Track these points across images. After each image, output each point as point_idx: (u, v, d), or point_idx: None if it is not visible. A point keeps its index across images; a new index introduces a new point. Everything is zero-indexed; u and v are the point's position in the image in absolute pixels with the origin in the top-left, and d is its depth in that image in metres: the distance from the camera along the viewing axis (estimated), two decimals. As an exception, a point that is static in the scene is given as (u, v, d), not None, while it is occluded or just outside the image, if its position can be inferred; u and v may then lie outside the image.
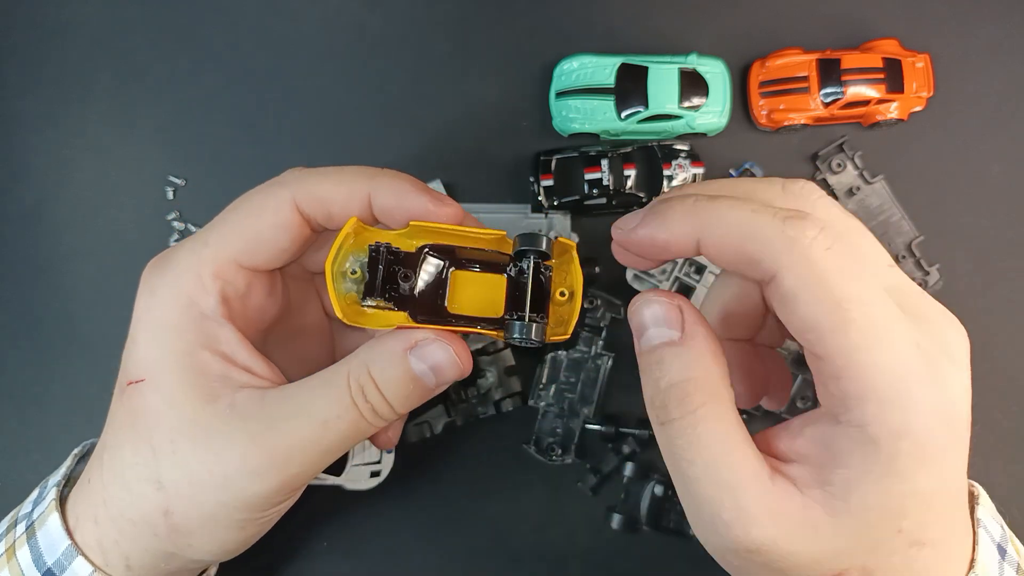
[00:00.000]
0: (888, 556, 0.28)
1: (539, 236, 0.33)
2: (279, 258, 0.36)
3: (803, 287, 0.27)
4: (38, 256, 0.56)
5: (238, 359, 0.35)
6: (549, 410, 0.54)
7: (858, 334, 0.26)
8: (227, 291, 0.35)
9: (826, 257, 0.27)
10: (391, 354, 0.34)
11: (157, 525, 0.34)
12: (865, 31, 0.57)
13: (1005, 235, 0.56)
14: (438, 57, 0.57)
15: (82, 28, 0.57)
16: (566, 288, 0.34)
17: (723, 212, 0.29)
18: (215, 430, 0.33)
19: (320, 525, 0.55)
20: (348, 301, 0.33)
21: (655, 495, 0.53)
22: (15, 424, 0.56)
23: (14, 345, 0.56)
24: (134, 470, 0.34)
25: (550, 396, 0.54)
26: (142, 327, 0.35)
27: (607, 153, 0.54)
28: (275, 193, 0.35)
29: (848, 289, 0.27)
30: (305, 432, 0.33)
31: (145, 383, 0.34)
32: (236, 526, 0.35)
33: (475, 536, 0.55)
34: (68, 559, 0.36)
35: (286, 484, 0.34)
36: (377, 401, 0.34)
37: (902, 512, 0.27)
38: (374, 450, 0.54)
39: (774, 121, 0.55)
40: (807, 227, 0.27)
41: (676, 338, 0.30)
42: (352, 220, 0.34)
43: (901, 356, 0.27)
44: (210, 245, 0.35)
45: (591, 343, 0.54)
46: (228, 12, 0.57)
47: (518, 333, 0.33)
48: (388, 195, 0.34)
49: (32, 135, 0.57)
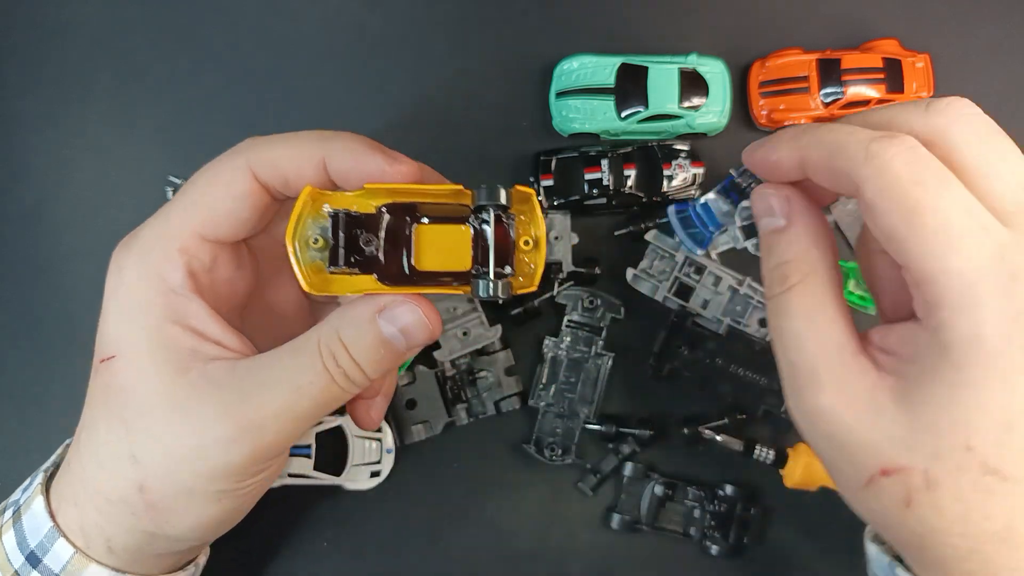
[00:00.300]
0: (956, 472, 0.27)
1: (497, 188, 0.33)
2: (242, 228, 0.36)
3: (880, 197, 0.28)
4: (38, 256, 0.56)
5: (208, 332, 0.35)
6: (549, 410, 0.54)
7: (932, 240, 0.27)
8: (193, 265, 0.35)
9: (905, 169, 0.28)
10: (360, 319, 0.34)
11: (134, 502, 0.34)
12: (865, 31, 0.57)
13: (1005, 235, 0.56)
14: (438, 57, 0.57)
15: (82, 28, 0.57)
16: (530, 237, 0.34)
17: (821, 135, 0.31)
18: (186, 401, 0.33)
19: (320, 525, 0.55)
20: (314, 271, 0.33)
21: (655, 495, 0.53)
22: (15, 424, 0.56)
23: (14, 345, 0.56)
24: (108, 447, 0.34)
25: (550, 396, 0.54)
26: (112, 305, 0.35)
27: (607, 153, 0.54)
28: (231, 162, 0.35)
29: (923, 198, 0.28)
30: (277, 399, 0.33)
31: (116, 359, 0.34)
32: (212, 499, 0.35)
33: (475, 536, 0.55)
34: (50, 541, 0.36)
35: (260, 453, 0.34)
36: (348, 366, 0.34)
37: (970, 426, 0.27)
38: (374, 450, 0.54)
39: (774, 121, 0.56)
40: (892, 144, 0.29)
41: (781, 225, 0.34)
42: (307, 188, 0.33)
43: (976, 263, 0.27)
44: (172, 220, 0.35)
45: (591, 343, 0.54)
46: (228, 12, 0.57)
47: (483, 291, 0.32)
48: (342, 157, 0.34)
49: (32, 135, 0.57)
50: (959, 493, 0.28)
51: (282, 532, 0.55)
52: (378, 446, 0.54)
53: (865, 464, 0.29)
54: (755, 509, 0.53)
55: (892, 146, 0.29)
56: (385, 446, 0.54)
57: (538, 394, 0.54)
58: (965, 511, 0.28)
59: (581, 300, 0.54)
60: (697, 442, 0.53)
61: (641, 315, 0.55)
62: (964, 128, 0.30)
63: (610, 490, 0.55)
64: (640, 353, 0.54)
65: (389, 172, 0.34)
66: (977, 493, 0.27)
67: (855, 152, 0.29)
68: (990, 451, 0.27)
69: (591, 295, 0.54)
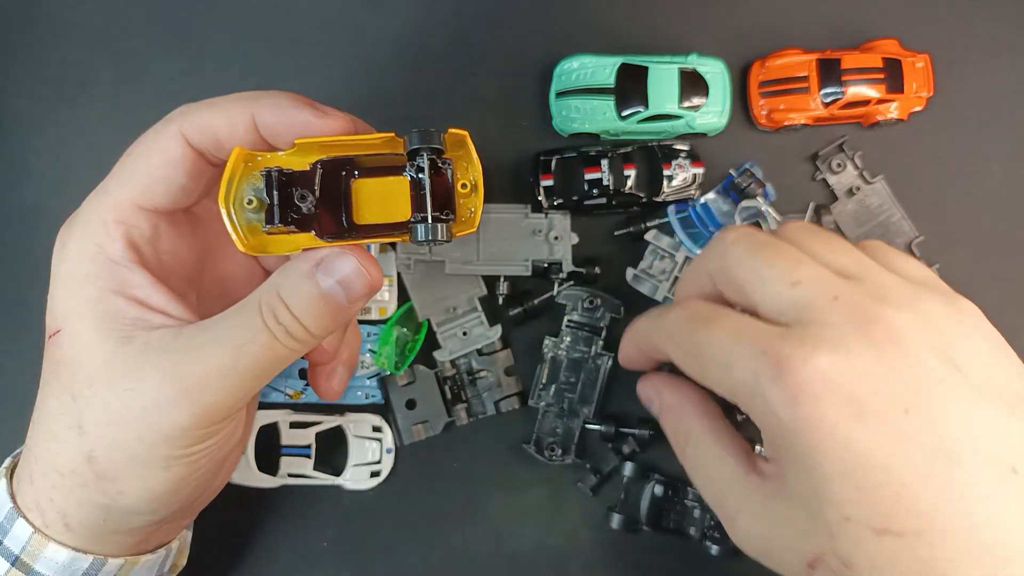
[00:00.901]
0: (856, 545, 0.29)
1: (431, 132, 0.33)
2: (178, 196, 0.36)
3: (675, 351, 0.38)
4: (38, 256, 0.56)
5: (152, 302, 0.35)
6: (549, 410, 0.54)
7: (715, 365, 0.34)
8: (132, 235, 0.35)
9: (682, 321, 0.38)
10: (298, 273, 0.34)
11: (83, 473, 0.34)
12: (865, 31, 0.57)
13: (1005, 235, 0.56)
14: (438, 57, 0.57)
15: (82, 28, 0.57)
16: (467, 180, 0.34)
17: (637, 328, 0.44)
18: (130, 367, 0.33)
19: (320, 525, 0.55)
20: (251, 232, 0.33)
21: (655, 495, 0.53)
22: (15, 424, 0.56)
23: (14, 345, 0.56)
24: (57, 420, 0.35)
25: (550, 396, 0.54)
26: (57, 280, 0.35)
27: (607, 153, 0.54)
28: (163, 129, 0.35)
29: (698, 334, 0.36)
30: (218, 359, 0.33)
31: (61, 333, 0.34)
32: (161, 465, 0.34)
33: (475, 536, 0.55)
34: (10, 522, 0.36)
35: (204, 413, 0.34)
36: (289, 322, 0.34)
37: (834, 498, 0.29)
38: (374, 450, 0.54)
39: (774, 121, 0.55)
40: (669, 310, 0.39)
41: (659, 412, 0.42)
42: (236, 149, 0.33)
43: (747, 367, 0.32)
44: (110, 192, 0.35)
45: (591, 343, 0.54)
46: (228, 12, 0.57)
47: (422, 235, 0.32)
48: (271, 114, 0.34)
49: (32, 135, 0.57)
50: (871, 562, 0.29)
51: (282, 532, 0.55)
52: (378, 446, 0.54)
53: (794, 565, 0.32)
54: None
55: (669, 312, 0.38)
56: (385, 446, 0.54)
57: (538, 394, 0.54)
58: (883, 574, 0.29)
59: (581, 300, 0.54)
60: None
61: (641, 315, 0.55)
62: (731, 255, 0.35)
63: (610, 490, 0.55)
64: (640, 353, 0.54)
65: (317, 125, 0.34)
66: (885, 558, 0.29)
67: (651, 330, 0.40)
68: (866, 514, 0.29)
69: (591, 295, 0.54)
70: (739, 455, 0.36)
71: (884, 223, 0.56)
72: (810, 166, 0.57)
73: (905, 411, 0.28)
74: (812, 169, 0.57)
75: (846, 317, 0.30)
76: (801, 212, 0.56)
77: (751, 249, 0.34)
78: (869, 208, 0.56)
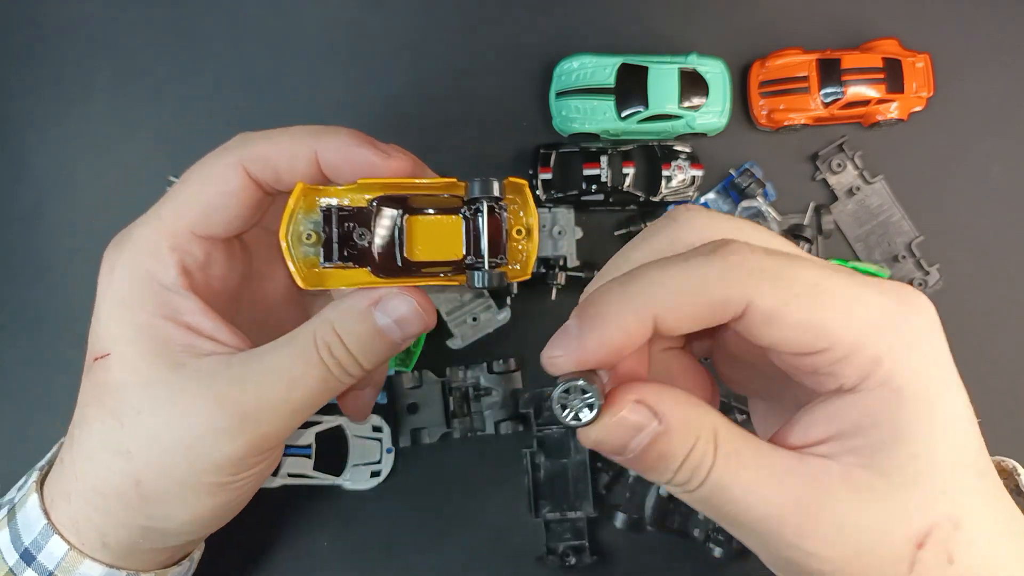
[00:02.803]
0: (970, 494, 0.26)
1: (491, 181, 0.33)
2: (234, 224, 0.36)
3: (776, 295, 0.25)
4: (38, 256, 0.56)
5: (202, 328, 0.35)
6: (551, 519, 0.53)
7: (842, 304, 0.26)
8: (186, 262, 0.35)
9: (774, 258, 0.26)
10: (355, 310, 0.34)
11: (129, 496, 0.34)
12: (865, 31, 0.57)
13: (1005, 235, 0.56)
14: (438, 57, 0.57)
15: (82, 28, 0.57)
16: (522, 226, 0.34)
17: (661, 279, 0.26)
18: (181, 395, 0.33)
19: (320, 525, 0.55)
20: (307, 265, 0.33)
21: (660, 496, 0.53)
22: (15, 424, 0.56)
23: (14, 345, 0.56)
24: (102, 442, 0.34)
25: (548, 508, 0.53)
26: (104, 303, 0.35)
27: (607, 150, 0.54)
28: (222, 159, 0.35)
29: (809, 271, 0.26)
30: (273, 390, 0.33)
31: (109, 357, 0.34)
32: (208, 491, 0.35)
33: (475, 536, 0.55)
34: (44, 538, 0.36)
35: (255, 444, 0.34)
36: (343, 356, 0.34)
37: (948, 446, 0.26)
38: (374, 450, 0.54)
39: (774, 121, 0.55)
40: (739, 243, 0.26)
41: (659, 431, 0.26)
42: (299, 185, 0.33)
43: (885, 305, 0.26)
44: (164, 218, 0.35)
45: (565, 440, 0.54)
46: (228, 12, 0.57)
47: (479, 282, 0.33)
48: (334, 153, 0.34)
49: (32, 135, 0.57)
50: (984, 510, 0.27)
51: (282, 532, 0.54)
52: (378, 446, 0.54)
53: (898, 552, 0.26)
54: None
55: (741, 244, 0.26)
56: (385, 446, 0.54)
57: (535, 508, 0.53)
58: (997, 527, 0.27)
59: (543, 403, 0.54)
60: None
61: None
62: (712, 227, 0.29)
63: (614, 489, 0.55)
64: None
65: (382, 167, 0.34)
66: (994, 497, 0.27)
67: (722, 272, 0.25)
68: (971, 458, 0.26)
69: (548, 399, 0.53)
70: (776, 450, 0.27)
71: (884, 223, 0.56)
72: (810, 166, 0.57)
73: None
74: (812, 169, 0.57)
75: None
76: (801, 212, 0.56)
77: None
78: (869, 208, 0.56)
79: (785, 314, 0.25)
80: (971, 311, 0.56)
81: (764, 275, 0.25)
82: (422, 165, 0.37)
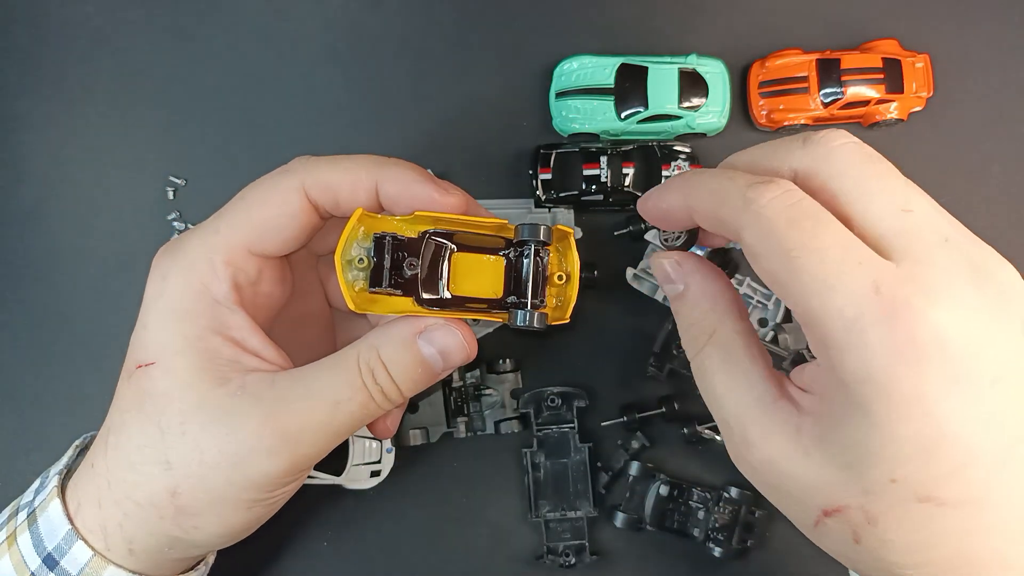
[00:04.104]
0: (891, 506, 0.27)
1: (539, 227, 0.34)
2: (288, 245, 0.37)
3: (759, 242, 0.29)
4: (38, 256, 0.56)
5: (248, 344, 0.35)
6: (551, 519, 0.54)
7: (811, 281, 0.27)
8: (238, 278, 0.36)
9: (781, 213, 0.28)
10: (401, 339, 0.35)
11: (164, 506, 0.35)
12: (865, 31, 0.57)
13: (1005, 235, 0.56)
14: (438, 57, 0.57)
15: (82, 28, 0.57)
16: (563, 272, 0.36)
17: (704, 182, 0.32)
18: (226, 410, 0.34)
19: (320, 525, 0.55)
20: (355, 289, 0.34)
21: (660, 495, 0.53)
22: (15, 424, 0.56)
23: (14, 345, 0.56)
24: (141, 451, 0.34)
25: (547, 508, 0.53)
26: (153, 312, 0.35)
27: (606, 150, 0.54)
28: (284, 181, 0.36)
29: (799, 239, 0.28)
30: (317, 413, 0.34)
31: (155, 366, 0.34)
32: (244, 507, 0.35)
33: (475, 536, 0.55)
34: (68, 544, 0.36)
35: (296, 464, 0.35)
36: (386, 383, 0.35)
37: (888, 459, 0.27)
38: (374, 450, 0.54)
39: (774, 121, 0.56)
40: (767, 189, 0.29)
41: (680, 290, 0.34)
42: (359, 211, 0.34)
43: (854, 299, 0.27)
44: (221, 232, 0.36)
45: (566, 440, 0.54)
46: (228, 12, 0.57)
47: (521, 321, 0.34)
48: (395, 186, 0.35)
49: (32, 135, 0.57)
50: (899, 525, 0.28)
51: (282, 532, 0.55)
52: (378, 446, 0.54)
53: (808, 507, 0.30)
54: (760, 512, 0.53)
55: (768, 191, 0.29)
56: (385, 446, 0.54)
57: (534, 508, 0.54)
58: (910, 542, 0.28)
59: (543, 401, 0.54)
60: (696, 441, 0.53)
61: (641, 315, 0.55)
62: (838, 159, 0.30)
63: (613, 489, 0.55)
64: (640, 353, 0.54)
65: (440, 202, 0.35)
66: (917, 523, 0.27)
67: (734, 200, 0.30)
68: (917, 480, 0.27)
69: (549, 396, 0.54)
70: (768, 372, 0.32)
71: (884, 223, 0.56)
72: (810, 166, 0.57)
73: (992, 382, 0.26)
74: (812, 169, 0.57)
75: (960, 265, 0.27)
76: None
77: (863, 159, 0.30)
78: (869, 208, 0.56)
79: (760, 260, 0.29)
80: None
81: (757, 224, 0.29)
82: (475, 203, 0.38)
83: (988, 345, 0.27)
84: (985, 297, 0.27)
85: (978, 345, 0.26)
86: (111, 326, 0.55)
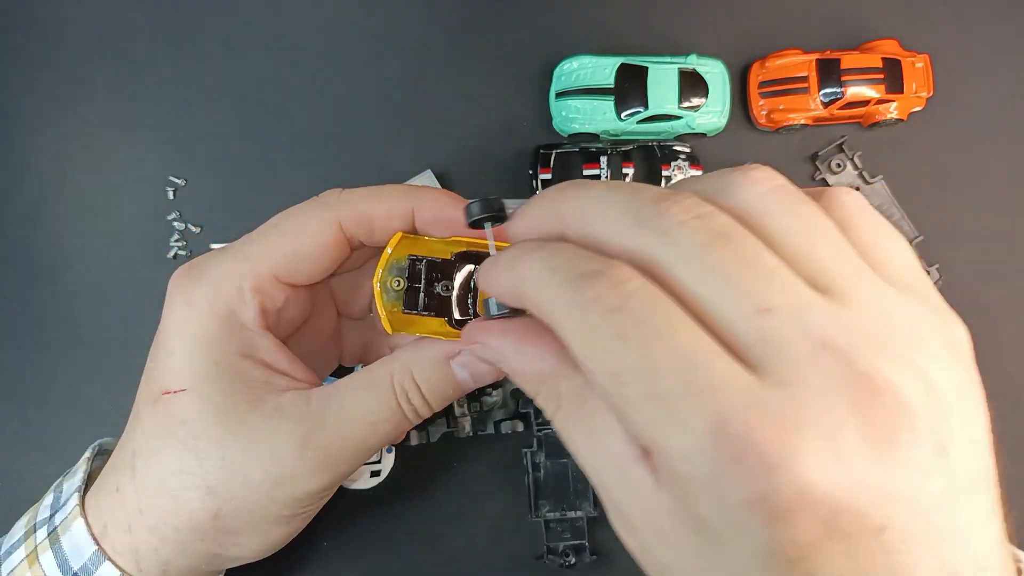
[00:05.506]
0: None
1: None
2: (318, 275, 0.37)
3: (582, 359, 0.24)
4: (38, 256, 0.56)
5: (278, 365, 0.36)
6: (551, 518, 0.53)
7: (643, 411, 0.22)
8: (266, 304, 0.36)
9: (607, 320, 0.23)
10: (435, 360, 0.36)
11: (205, 527, 0.35)
12: (865, 31, 0.57)
13: (1005, 235, 0.56)
14: (438, 57, 0.57)
15: (82, 28, 0.57)
16: None
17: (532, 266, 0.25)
18: (265, 432, 0.34)
19: (320, 525, 0.55)
20: (390, 309, 0.35)
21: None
22: (15, 424, 0.56)
23: (14, 345, 0.56)
24: (178, 478, 0.35)
25: (548, 507, 0.53)
26: (178, 338, 0.35)
27: (607, 150, 0.54)
28: (318, 214, 0.36)
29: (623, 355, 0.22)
30: (354, 434, 0.35)
31: (186, 393, 0.35)
32: (283, 522, 0.37)
33: (475, 536, 0.55)
34: (95, 564, 0.36)
35: (333, 481, 0.36)
36: (419, 404, 0.36)
37: None
38: (374, 450, 0.54)
39: (774, 121, 0.56)
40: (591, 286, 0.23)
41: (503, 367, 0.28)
42: (398, 234, 0.35)
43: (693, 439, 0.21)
44: (250, 259, 0.36)
45: None
46: (228, 12, 0.57)
47: None
48: (431, 212, 0.36)
49: (32, 135, 0.57)
50: None
51: (282, 532, 0.55)
52: (378, 446, 0.54)
53: None
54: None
55: (592, 288, 0.23)
56: (385, 446, 0.54)
57: (535, 508, 0.53)
58: None
59: None
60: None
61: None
62: (677, 242, 0.23)
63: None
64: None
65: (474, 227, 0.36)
66: None
67: (560, 297, 0.24)
68: None
69: None
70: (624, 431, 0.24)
71: (884, 223, 0.56)
72: (810, 166, 0.57)
73: (880, 530, 0.21)
74: (812, 169, 0.57)
75: (838, 385, 0.21)
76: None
77: (708, 241, 0.23)
78: (869, 208, 0.56)
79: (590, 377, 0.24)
80: (971, 311, 0.55)
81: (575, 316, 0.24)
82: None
83: (876, 490, 0.21)
84: (872, 424, 0.21)
85: (862, 491, 0.21)
86: (112, 326, 0.55)
